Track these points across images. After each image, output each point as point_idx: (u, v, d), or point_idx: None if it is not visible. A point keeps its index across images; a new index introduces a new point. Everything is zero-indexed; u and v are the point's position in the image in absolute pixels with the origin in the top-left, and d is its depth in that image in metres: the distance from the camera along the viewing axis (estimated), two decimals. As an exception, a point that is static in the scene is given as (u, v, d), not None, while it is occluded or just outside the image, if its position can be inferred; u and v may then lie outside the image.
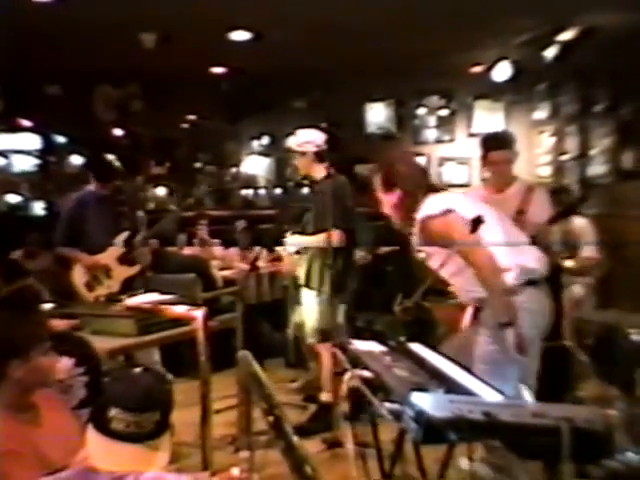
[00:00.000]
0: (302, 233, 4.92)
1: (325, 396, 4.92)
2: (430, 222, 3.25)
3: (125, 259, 5.22)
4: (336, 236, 4.62)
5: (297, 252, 4.97)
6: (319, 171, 4.87)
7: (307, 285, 4.90)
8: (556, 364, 4.37)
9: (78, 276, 5.14)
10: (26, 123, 9.64)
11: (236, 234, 7.47)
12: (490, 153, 4.21)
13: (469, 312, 3.93)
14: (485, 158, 4.23)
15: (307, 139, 4.86)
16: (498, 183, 4.17)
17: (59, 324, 3.54)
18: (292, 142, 4.93)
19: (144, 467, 1.82)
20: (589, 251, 5.57)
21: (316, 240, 4.73)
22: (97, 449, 1.84)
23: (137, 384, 1.94)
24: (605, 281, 5.94)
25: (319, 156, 4.87)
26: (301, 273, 4.92)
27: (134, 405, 1.84)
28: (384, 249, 5.93)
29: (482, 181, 4.31)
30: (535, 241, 3.72)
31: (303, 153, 4.84)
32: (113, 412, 1.84)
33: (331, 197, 4.63)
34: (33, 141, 9.84)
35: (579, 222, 5.34)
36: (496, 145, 4.21)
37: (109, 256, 5.17)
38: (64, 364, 3.07)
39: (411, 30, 6.08)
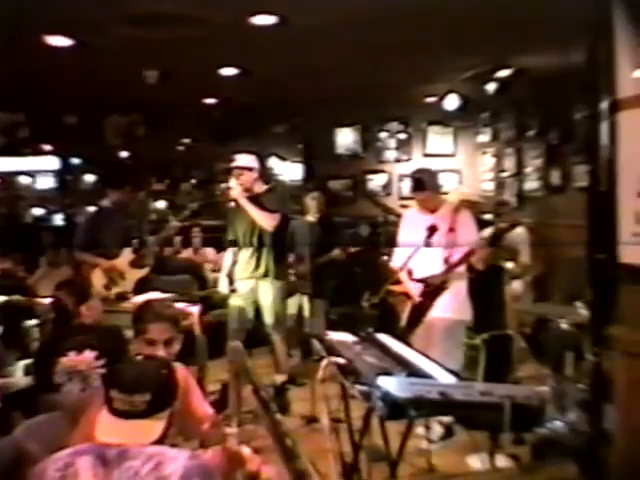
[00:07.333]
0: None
1: (279, 378, 4.92)
2: None
3: (135, 263, 5.19)
4: (277, 217, 4.75)
5: None
6: (260, 185, 4.94)
7: (266, 275, 4.85)
8: (500, 350, 4.41)
9: (97, 278, 5.08)
10: (47, 147, 9.64)
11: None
12: (413, 193, 4.30)
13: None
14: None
15: (251, 159, 4.94)
16: (426, 209, 4.23)
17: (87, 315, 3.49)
18: (239, 162, 4.92)
19: (142, 440, 1.80)
20: (527, 256, 5.65)
21: (258, 213, 4.75)
22: (105, 425, 1.84)
23: (131, 370, 1.94)
24: (540, 279, 6.03)
25: (262, 174, 4.99)
26: (261, 265, 4.86)
27: (126, 387, 1.85)
28: (356, 248, 6.19)
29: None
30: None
31: (250, 169, 4.88)
32: (112, 393, 1.86)
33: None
34: (53, 162, 9.87)
35: (517, 231, 5.40)
36: (416, 188, 4.24)
37: (122, 261, 5.12)
38: (85, 356, 2.97)
39: (375, 67, 6.11)
